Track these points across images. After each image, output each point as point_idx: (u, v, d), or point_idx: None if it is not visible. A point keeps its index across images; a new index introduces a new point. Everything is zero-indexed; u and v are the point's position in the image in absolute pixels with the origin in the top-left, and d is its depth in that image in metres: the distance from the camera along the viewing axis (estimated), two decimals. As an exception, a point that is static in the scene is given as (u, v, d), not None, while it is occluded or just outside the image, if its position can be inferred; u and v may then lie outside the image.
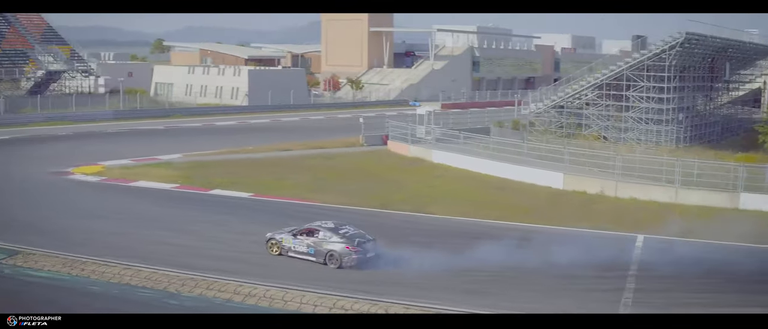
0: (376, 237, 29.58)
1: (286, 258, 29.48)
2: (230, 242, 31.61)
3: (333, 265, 28.56)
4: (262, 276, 26.80)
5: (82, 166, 50.32)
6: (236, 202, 40.24)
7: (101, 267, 27.84)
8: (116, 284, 26.27)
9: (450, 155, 53.25)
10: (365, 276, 27.75)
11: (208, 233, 33.06)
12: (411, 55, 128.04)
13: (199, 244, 31.21)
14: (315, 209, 38.01)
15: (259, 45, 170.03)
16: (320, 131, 72.77)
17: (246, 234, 32.63)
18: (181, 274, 27.00)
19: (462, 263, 28.41)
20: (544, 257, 28.65)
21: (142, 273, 27.13)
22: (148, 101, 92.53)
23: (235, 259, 28.97)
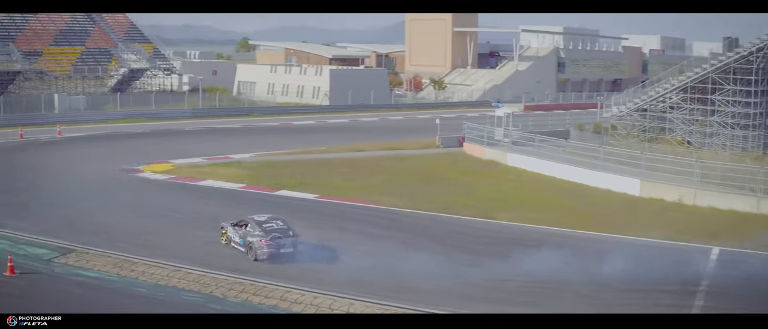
0: (299, 234, 29.49)
1: (342, 267, 28.53)
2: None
3: (251, 257, 28.70)
4: (312, 282, 25.92)
5: (153, 164, 50.30)
6: (300, 204, 39.51)
7: (151, 268, 27.37)
8: (163, 286, 25.70)
9: (525, 158, 51.79)
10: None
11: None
12: (495, 56, 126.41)
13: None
14: (377, 212, 37.20)
15: (345, 45, 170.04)
16: (398, 131, 71.86)
17: (307, 237, 31.79)
18: (230, 278, 26.35)
19: (504, 271, 27.25)
20: (604, 268, 27.15)
21: (191, 276, 26.56)
22: (228, 99, 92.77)
23: (290, 264, 28.11)
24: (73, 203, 37.94)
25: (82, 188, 41.96)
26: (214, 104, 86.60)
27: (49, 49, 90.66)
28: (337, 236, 32.16)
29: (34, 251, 29.50)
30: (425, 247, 30.67)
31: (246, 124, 76.58)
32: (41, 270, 27.17)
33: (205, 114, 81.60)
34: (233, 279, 26.26)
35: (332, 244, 30.49)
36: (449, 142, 61.53)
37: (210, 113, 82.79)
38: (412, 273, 26.89)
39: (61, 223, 33.83)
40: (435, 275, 26.82)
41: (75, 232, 32.19)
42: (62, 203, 37.97)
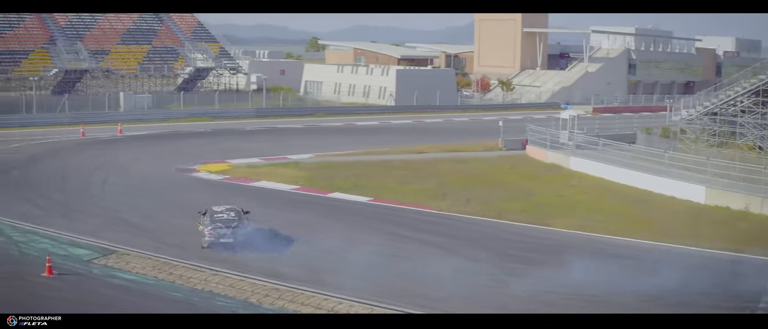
0: (247, 226, 30.14)
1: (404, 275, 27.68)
2: (331, 250, 29.96)
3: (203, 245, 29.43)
4: (353, 290, 25.03)
5: (209, 163, 49.99)
6: (350, 207, 38.69)
7: (190, 271, 26.80)
8: (199, 290, 25.07)
9: (588, 162, 50.28)
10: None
11: (312, 239, 31.55)
12: (565, 57, 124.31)
13: (296, 251, 29.74)
14: (426, 217, 36.35)
15: (414, 45, 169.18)
16: (461, 133, 70.69)
17: (349, 243, 31.00)
18: (268, 283, 25.59)
19: (549, 282, 25.93)
20: (658, 281, 25.72)
21: (229, 280, 25.90)
22: (293, 99, 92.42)
23: (330, 270, 27.25)
24: (122, 203, 37.67)
25: (133, 188, 41.75)
26: (278, 103, 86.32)
27: (117, 48, 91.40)
28: (381, 241, 31.36)
29: (75, 251, 29.18)
30: (469, 253, 29.71)
31: (309, 124, 76.12)
32: (79, 271, 26.80)
33: (268, 114, 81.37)
34: (271, 284, 25.50)
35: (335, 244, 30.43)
36: (512, 144, 60.18)
37: (273, 112, 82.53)
38: (445, 280, 25.98)
39: (108, 223, 33.58)
40: (471, 283, 25.81)
41: (120, 232, 31.89)
42: (111, 203, 37.74)
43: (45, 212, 35.44)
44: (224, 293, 24.80)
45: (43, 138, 59.83)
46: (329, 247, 30.21)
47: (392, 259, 28.67)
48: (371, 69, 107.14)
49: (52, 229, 32.14)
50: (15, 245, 29.86)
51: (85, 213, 35.39)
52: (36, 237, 31.01)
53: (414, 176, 46.74)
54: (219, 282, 25.69)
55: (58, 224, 33.06)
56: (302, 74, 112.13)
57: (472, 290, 25.26)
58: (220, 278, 26.09)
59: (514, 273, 27.31)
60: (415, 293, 24.84)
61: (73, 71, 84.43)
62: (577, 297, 24.49)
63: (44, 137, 60.21)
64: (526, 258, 29.41)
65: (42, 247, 29.42)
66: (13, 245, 29.95)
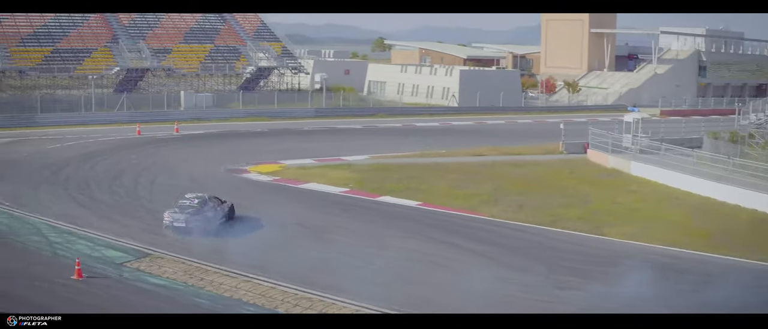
0: (198, 213, 31.74)
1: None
2: (369, 257, 28.88)
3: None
4: (390, 301, 23.88)
5: (261, 164, 49.29)
6: (398, 211, 37.54)
7: (221, 277, 25.95)
8: (228, 298, 24.20)
9: (651, 168, 48.36)
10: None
11: (350, 244, 30.53)
12: (633, 58, 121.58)
13: (334, 257, 28.71)
14: (475, 223, 35.11)
15: (481, 45, 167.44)
16: (523, 136, 69.01)
17: (392, 249, 29.90)
18: (300, 292, 24.60)
19: (593, 296, 24.58)
20: (710, 297, 24.10)
21: (260, 288, 24.99)
22: (354, 99, 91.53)
23: (367, 279, 26.12)
24: (165, 204, 36.91)
25: (180, 189, 40.93)
26: (337, 103, 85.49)
27: (179, 47, 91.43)
28: (421, 247, 30.31)
29: (110, 253, 28.57)
30: (514, 263, 28.47)
31: (368, 125, 75.15)
32: (110, 275, 26.14)
33: (327, 114, 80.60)
34: (303, 293, 24.52)
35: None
36: (573, 148, 58.42)
37: (333, 112, 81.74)
38: (482, 292, 24.66)
39: (148, 224, 32.98)
40: (511, 296, 24.51)
41: (158, 234, 31.28)
42: (156, 204, 37.04)
43: (87, 212, 35.00)
44: (253, 301, 23.89)
45: (99, 136, 59.76)
46: (363, 253, 29.28)
47: (428, 267, 27.60)
48: (435, 69, 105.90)
49: (91, 230, 31.64)
50: (49, 246, 29.35)
51: (127, 214, 34.82)
52: (72, 238, 30.50)
53: (468, 180, 45.41)
54: (249, 290, 24.79)
55: (98, 224, 32.59)
56: (366, 74, 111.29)
57: (511, 303, 24.02)
58: (252, 285, 25.19)
59: (561, 285, 26.01)
60: (440, 304, 23.75)
61: (134, 70, 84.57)
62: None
63: (101, 136, 60.12)
64: (576, 269, 28.00)
65: (76, 249, 28.87)
66: (48, 245, 29.43)
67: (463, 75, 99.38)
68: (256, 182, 43.98)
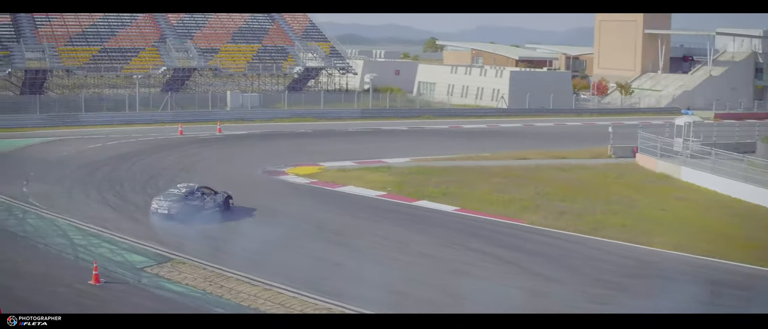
0: (183, 202, 33.62)
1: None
2: (398, 266, 27.83)
3: None
4: (401, 310, 22.84)
5: (301, 166, 48.53)
6: (434, 217, 36.41)
7: (242, 284, 25.13)
8: (245, 307, 23.34)
9: (701, 173, 46.67)
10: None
11: (380, 252, 29.55)
12: (688, 60, 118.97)
13: (359, 265, 27.78)
14: (513, 230, 33.86)
15: (534, 46, 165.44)
16: (571, 139, 67.47)
17: (423, 257, 28.89)
18: (320, 301, 23.66)
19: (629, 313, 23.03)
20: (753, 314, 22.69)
21: (280, 297, 24.11)
22: (402, 100, 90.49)
23: (392, 289, 25.07)
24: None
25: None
26: (384, 104, 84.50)
27: (226, 47, 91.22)
28: (450, 255, 29.32)
29: (132, 258, 27.91)
30: (548, 274, 27.25)
31: (413, 126, 74.08)
32: (128, 280, 25.47)
33: (373, 115, 79.67)
34: (324, 302, 23.58)
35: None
36: (622, 152, 56.80)
37: (379, 113, 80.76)
38: (506, 305, 23.33)
39: (175, 227, 32.24)
40: (539, 311, 23.11)
41: (184, 238, 30.63)
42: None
43: (116, 214, 34.51)
44: (272, 311, 22.97)
45: (141, 136, 59.50)
46: (385, 260, 28.45)
47: (453, 277, 26.53)
48: (485, 70, 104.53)
49: (117, 233, 31.06)
50: (73, 249, 28.82)
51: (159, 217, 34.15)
52: (96, 241, 29.95)
53: (510, 185, 44.14)
54: (268, 299, 23.91)
55: (125, 227, 32.03)
56: (416, 75, 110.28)
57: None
58: (272, 294, 24.30)
59: (595, 299, 24.72)
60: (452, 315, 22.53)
61: (181, 69, 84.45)
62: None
63: (142, 136, 59.85)
64: (613, 282, 26.65)
65: (99, 252, 28.32)
66: (71, 248, 28.91)
67: (513, 76, 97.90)
68: (291, 185, 43.20)
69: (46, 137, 58.56)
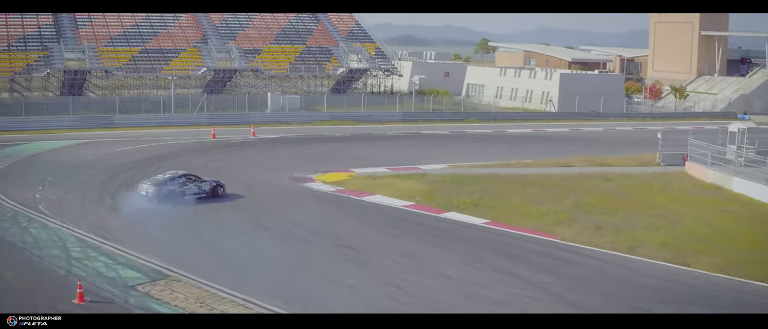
0: (162, 185, 36.55)
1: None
2: (412, 288, 25.62)
3: None
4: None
5: (331, 172, 46.62)
6: (460, 230, 34.09)
7: (235, 306, 23.16)
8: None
9: (754, 184, 43.59)
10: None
11: (394, 271, 27.37)
12: (746, 63, 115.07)
13: (370, 286, 25.60)
14: (542, 247, 31.37)
15: (589, 47, 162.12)
16: (620, 144, 64.76)
17: (440, 278, 26.70)
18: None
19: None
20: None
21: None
22: (447, 102, 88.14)
23: (405, 309, 23.00)
24: (210, 217, 34.58)
25: (232, 200, 38.61)
26: (427, 107, 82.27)
27: (269, 48, 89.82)
28: (465, 275, 27.04)
29: (126, 273, 26.17)
30: (576, 300, 24.75)
31: (455, 130, 71.82)
32: (115, 299, 23.67)
33: (415, 118, 77.53)
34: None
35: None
36: (672, 159, 53.92)
37: (421, 117, 78.58)
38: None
39: (180, 239, 30.51)
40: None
41: (185, 252, 28.78)
42: (199, 216, 34.73)
43: (123, 224, 32.76)
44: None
45: (172, 139, 58.16)
46: (396, 281, 26.22)
47: (472, 302, 24.18)
48: (534, 72, 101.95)
49: (118, 244, 29.33)
50: (67, 262, 27.17)
51: (164, 227, 32.40)
52: (94, 254, 28.29)
53: (548, 195, 41.68)
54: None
55: (127, 238, 30.24)
56: (465, 77, 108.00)
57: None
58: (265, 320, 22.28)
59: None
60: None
61: (222, 70, 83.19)
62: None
63: (174, 139, 58.51)
64: (649, 310, 24.15)
65: (93, 266, 26.67)
66: (66, 262, 27.26)
67: (563, 79, 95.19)
68: (315, 192, 41.25)
69: (77, 139, 57.44)
